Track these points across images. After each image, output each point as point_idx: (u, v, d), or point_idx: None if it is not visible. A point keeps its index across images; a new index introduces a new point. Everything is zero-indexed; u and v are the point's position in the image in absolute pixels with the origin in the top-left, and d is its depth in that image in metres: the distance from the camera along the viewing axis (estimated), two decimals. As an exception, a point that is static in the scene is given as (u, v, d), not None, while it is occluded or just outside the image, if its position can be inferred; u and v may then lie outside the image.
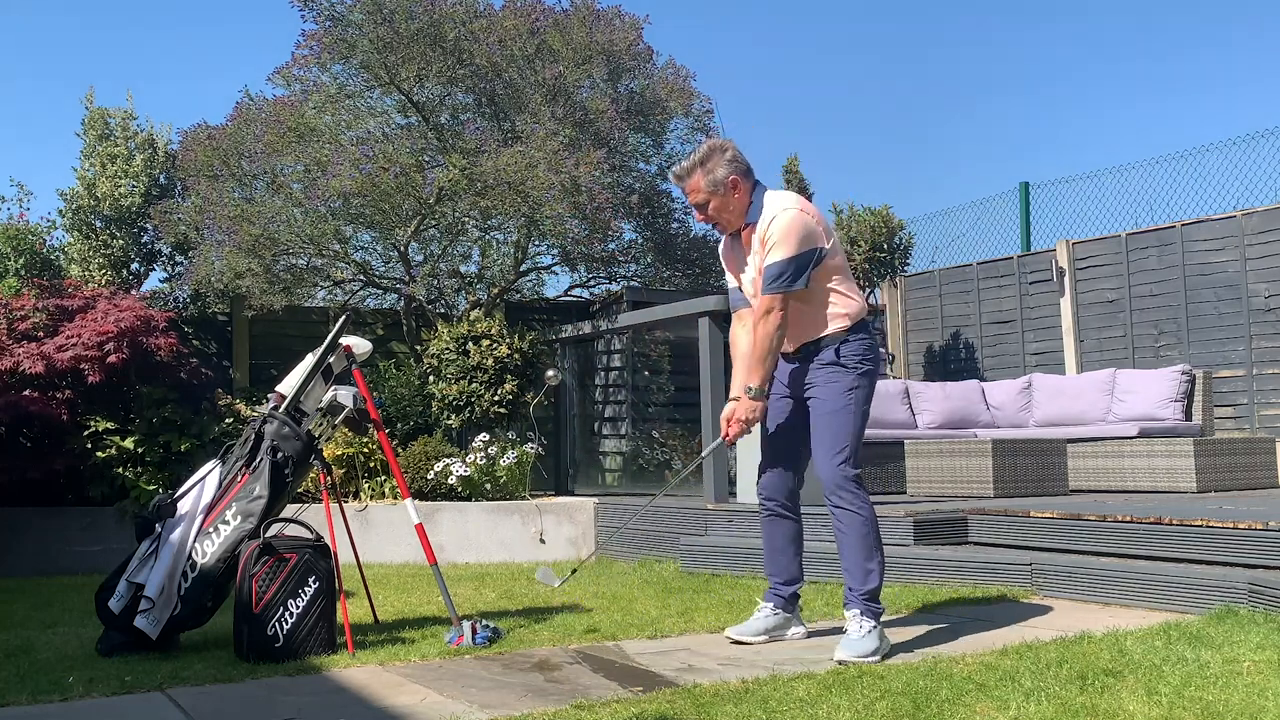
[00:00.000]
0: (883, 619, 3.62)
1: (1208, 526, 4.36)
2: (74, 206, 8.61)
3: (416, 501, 5.12)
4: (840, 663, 3.40)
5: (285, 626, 3.65)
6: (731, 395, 3.79)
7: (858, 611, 3.55)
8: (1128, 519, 4.66)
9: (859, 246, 9.35)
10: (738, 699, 2.88)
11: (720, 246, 3.99)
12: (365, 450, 7.45)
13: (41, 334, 7.10)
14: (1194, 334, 8.64)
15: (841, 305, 3.71)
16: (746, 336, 3.76)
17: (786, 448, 3.86)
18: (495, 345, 7.65)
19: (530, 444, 7.49)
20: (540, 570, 4.34)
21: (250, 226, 7.73)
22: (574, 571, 4.84)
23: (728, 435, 3.76)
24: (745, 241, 3.79)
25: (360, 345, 4.20)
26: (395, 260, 8.64)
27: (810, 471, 3.84)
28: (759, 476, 3.94)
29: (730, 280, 3.95)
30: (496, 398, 7.58)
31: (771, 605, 3.88)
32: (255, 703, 3.08)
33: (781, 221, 3.59)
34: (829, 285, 3.69)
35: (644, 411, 8.69)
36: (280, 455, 3.94)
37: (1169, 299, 8.83)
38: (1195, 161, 9.13)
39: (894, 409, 8.31)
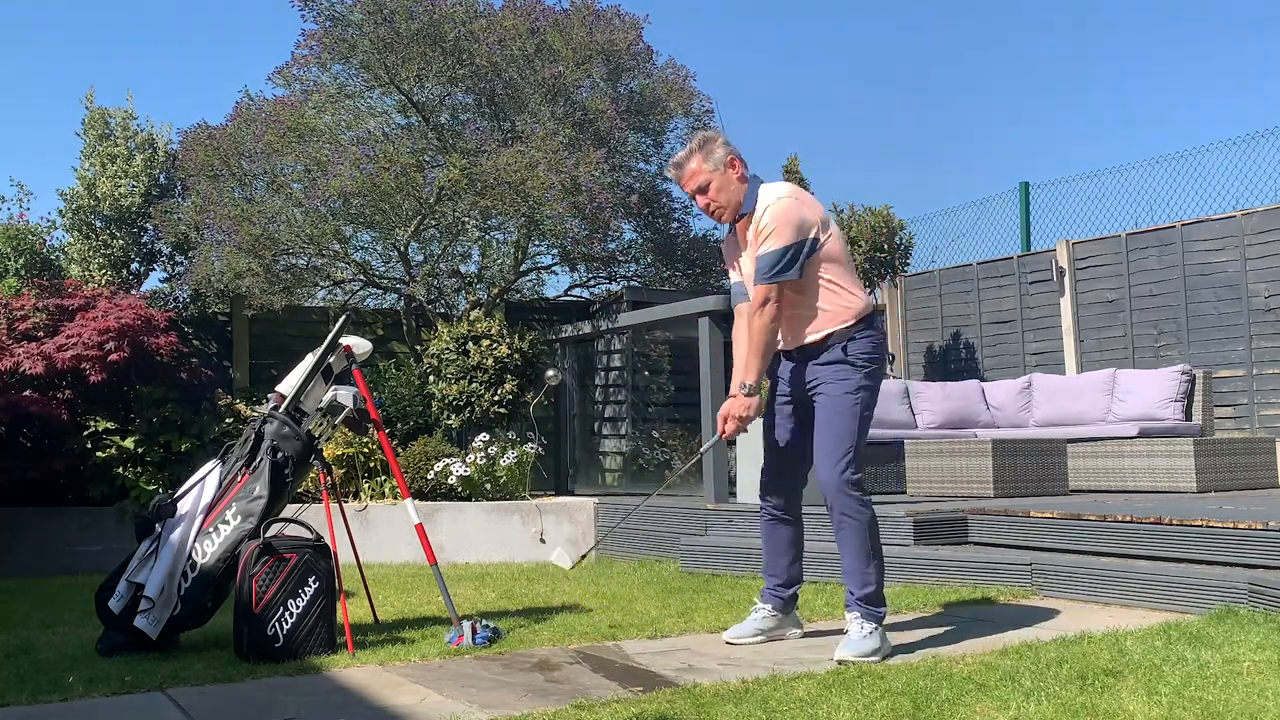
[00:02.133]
0: (884, 620, 3.62)
1: (1208, 526, 4.36)
2: (74, 206, 8.61)
3: (416, 501, 5.12)
4: (840, 662, 3.40)
5: (285, 626, 3.65)
6: (730, 392, 3.76)
7: (858, 614, 3.56)
8: (1128, 519, 4.65)
9: (859, 246, 9.35)
10: (738, 699, 2.88)
11: (724, 243, 3.96)
12: (365, 450, 7.45)
13: (41, 334, 7.10)
14: (1194, 334, 8.64)
15: (844, 299, 3.65)
16: (745, 331, 3.72)
17: (788, 451, 3.82)
18: (495, 345, 7.64)
19: (530, 444, 7.49)
20: (556, 552, 4.34)
21: (250, 226, 7.74)
22: (582, 557, 4.91)
23: (724, 433, 3.75)
24: (741, 234, 3.78)
25: (360, 345, 4.20)
26: (395, 260, 8.64)
27: (812, 472, 3.81)
28: (761, 479, 3.90)
29: (732, 276, 3.91)
30: (496, 398, 7.57)
31: (770, 607, 3.87)
32: (255, 703, 3.08)
33: (774, 210, 3.58)
34: (828, 277, 3.63)
35: (644, 411, 8.69)
36: (280, 455, 3.94)
37: (1169, 299, 8.82)
38: (1195, 161, 9.13)
39: (894, 409, 8.31)
